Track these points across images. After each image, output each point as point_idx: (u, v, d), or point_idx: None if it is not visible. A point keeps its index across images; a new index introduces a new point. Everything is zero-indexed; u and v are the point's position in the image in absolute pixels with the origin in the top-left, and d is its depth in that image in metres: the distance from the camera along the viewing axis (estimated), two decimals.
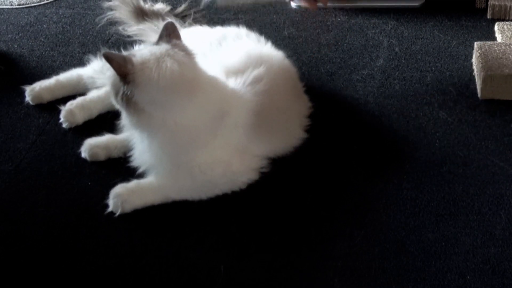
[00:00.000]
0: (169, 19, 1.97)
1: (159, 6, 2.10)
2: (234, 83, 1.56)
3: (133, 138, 1.56)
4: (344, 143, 1.66)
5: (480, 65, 1.78)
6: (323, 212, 1.49)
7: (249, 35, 1.76)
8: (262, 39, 1.76)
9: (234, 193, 1.52)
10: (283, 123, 1.61)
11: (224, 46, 1.71)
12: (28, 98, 1.82)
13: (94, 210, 1.50)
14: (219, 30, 1.83)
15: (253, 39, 1.74)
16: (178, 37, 1.52)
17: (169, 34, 1.51)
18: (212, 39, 1.74)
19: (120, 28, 2.07)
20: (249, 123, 1.53)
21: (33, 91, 1.82)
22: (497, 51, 1.81)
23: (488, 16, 2.10)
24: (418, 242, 1.40)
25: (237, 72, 1.58)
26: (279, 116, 1.60)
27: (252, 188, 1.53)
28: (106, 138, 1.63)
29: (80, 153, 1.64)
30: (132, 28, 2.05)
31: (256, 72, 1.58)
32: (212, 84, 1.52)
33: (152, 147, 1.50)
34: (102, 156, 1.62)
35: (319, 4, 1.65)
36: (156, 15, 2.03)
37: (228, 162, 1.50)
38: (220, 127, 1.50)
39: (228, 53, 1.66)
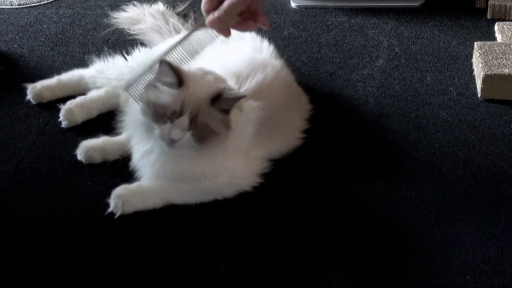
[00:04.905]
0: (171, 19, 1.98)
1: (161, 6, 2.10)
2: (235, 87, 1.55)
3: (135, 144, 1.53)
4: (344, 143, 1.66)
5: (480, 65, 1.78)
6: (323, 212, 1.49)
7: (253, 38, 1.75)
8: (266, 42, 1.76)
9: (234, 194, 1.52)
10: (283, 126, 1.61)
11: (226, 48, 1.70)
12: (29, 96, 1.82)
13: (94, 210, 1.50)
14: None
15: (256, 43, 1.74)
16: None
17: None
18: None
19: (126, 28, 2.08)
20: (253, 129, 1.52)
21: (35, 89, 1.81)
22: (497, 51, 1.81)
23: (488, 16, 2.10)
24: (418, 242, 1.40)
25: (237, 76, 1.57)
26: (279, 120, 1.59)
27: (252, 189, 1.53)
28: (102, 141, 1.61)
29: None
30: (134, 27, 2.06)
31: (256, 78, 1.57)
32: None
33: (188, 158, 1.47)
34: (98, 159, 1.60)
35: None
36: (158, 14, 2.03)
37: (233, 169, 1.50)
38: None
39: (229, 56, 1.66)
